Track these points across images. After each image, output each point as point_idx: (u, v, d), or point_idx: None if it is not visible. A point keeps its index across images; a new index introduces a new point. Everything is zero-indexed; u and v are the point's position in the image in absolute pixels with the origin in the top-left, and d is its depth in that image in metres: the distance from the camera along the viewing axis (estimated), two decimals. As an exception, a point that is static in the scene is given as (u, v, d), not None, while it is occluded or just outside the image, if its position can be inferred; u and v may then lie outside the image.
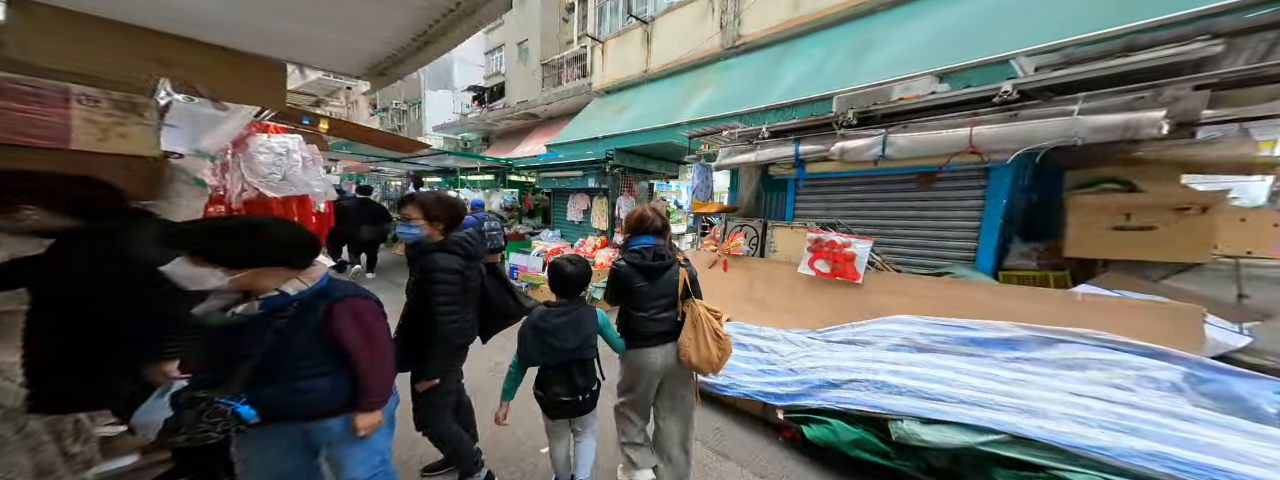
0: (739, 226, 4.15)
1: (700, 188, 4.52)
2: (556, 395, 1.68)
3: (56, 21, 1.72)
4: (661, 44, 7.65)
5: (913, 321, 2.64)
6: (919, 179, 3.22)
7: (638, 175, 5.98)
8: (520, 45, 11.62)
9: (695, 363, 1.80)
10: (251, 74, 2.29)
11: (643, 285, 1.83)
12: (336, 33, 1.90)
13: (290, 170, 2.75)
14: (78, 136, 1.80)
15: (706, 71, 6.63)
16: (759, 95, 4.66)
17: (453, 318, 1.69)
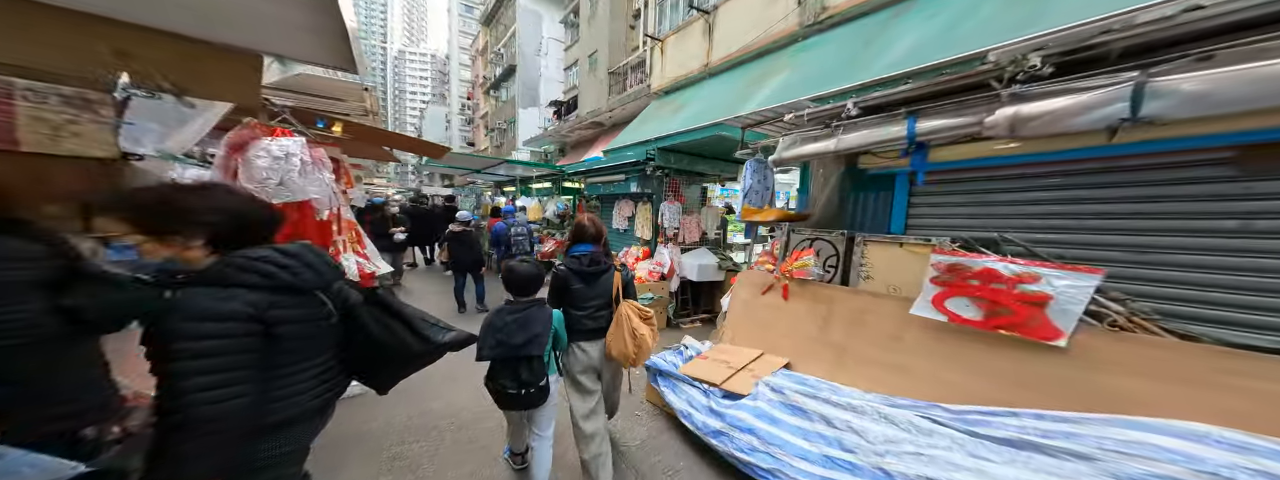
0: (809, 240, 3.03)
1: (755, 189, 3.47)
2: (503, 387, 1.74)
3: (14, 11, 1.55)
4: (725, 32, 6.72)
5: (1224, 440, 1.31)
6: (1243, 156, 1.65)
7: (687, 178, 5.09)
8: (591, 56, 11.59)
9: (614, 356, 2.00)
10: (222, 67, 2.06)
11: (579, 287, 2.01)
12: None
13: (288, 175, 2.54)
14: (25, 135, 1.58)
15: (778, 56, 5.51)
16: (852, 71, 3.45)
17: (214, 394, 1.00)
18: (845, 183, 3.15)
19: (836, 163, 3.12)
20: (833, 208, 3.20)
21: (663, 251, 4.71)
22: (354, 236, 4.80)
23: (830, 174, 3.20)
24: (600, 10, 11.09)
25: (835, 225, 3.09)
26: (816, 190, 3.32)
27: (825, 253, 2.92)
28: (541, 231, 6.97)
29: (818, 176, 3.34)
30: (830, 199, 3.21)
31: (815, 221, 3.23)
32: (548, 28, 13.77)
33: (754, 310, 3.16)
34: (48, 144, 1.67)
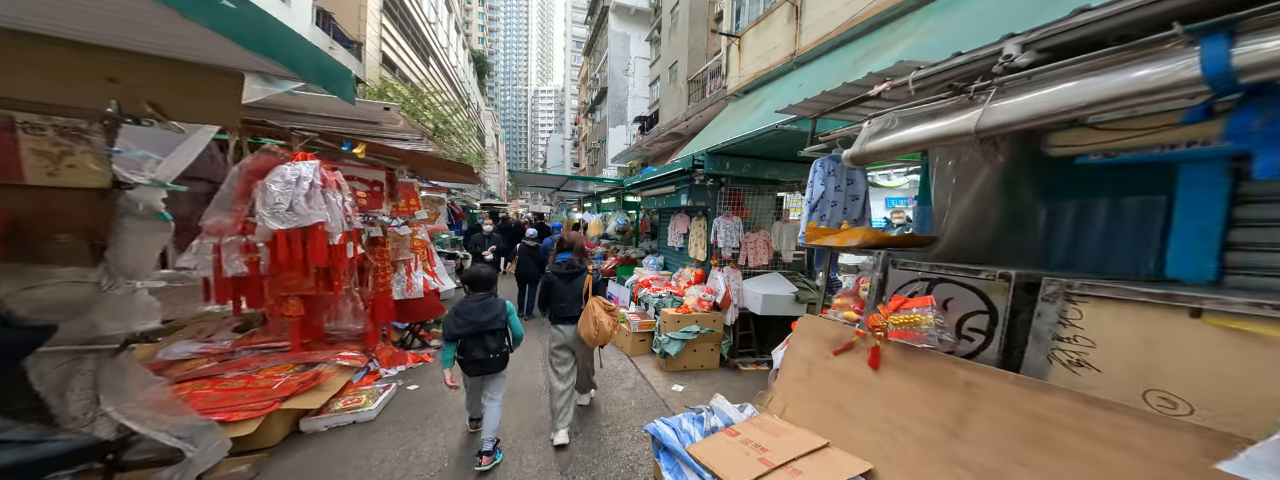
0: (927, 281, 1.84)
1: (829, 198, 2.38)
2: (474, 356, 2.32)
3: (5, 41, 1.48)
4: (817, 13, 5.58)
5: None
6: None
7: (753, 187, 4.05)
8: (671, 68, 11.14)
9: (582, 337, 2.68)
10: (203, 85, 1.84)
11: (560, 285, 2.79)
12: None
13: (296, 199, 2.53)
14: (29, 171, 1.63)
15: (898, 25, 4.27)
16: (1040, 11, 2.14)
17: None
18: (1013, 184, 1.84)
19: (986, 151, 1.84)
20: (982, 228, 1.91)
21: (717, 276, 3.78)
22: (425, 255, 5.08)
23: (973, 172, 1.91)
24: (681, 19, 10.61)
25: (986, 257, 1.83)
26: (945, 198, 2.06)
27: (962, 304, 1.71)
28: (607, 247, 6.58)
29: (945, 176, 2.06)
30: (975, 213, 1.92)
31: (944, 251, 1.98)
32: (635, 47, 13.87)
33: (821, 377, 2.08)
34: (47, 177, 1.74)
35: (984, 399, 1.49)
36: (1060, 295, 1.39)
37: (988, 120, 1.41)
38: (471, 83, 30.83)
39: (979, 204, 1.92)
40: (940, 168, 2.11)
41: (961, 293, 1.69)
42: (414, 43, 16.31)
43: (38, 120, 1.68)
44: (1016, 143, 1.78)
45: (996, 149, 1.78)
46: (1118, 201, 1.64)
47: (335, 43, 11.16)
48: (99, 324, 1.84)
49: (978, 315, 1.64)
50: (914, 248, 2.14)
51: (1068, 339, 1.38)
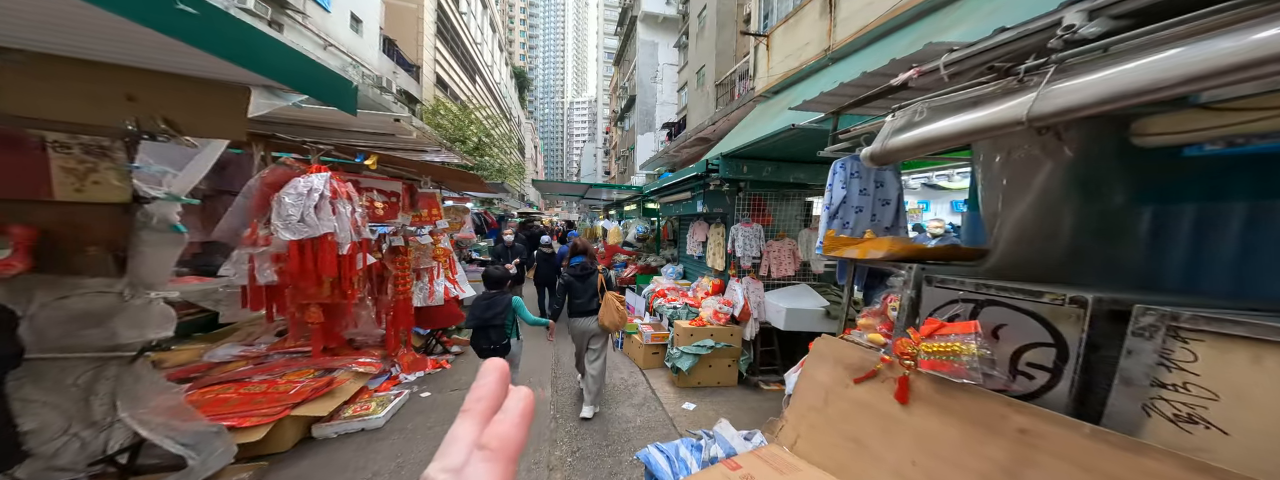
0: (974, 303, 1.50)
1: (852, 203, 2.09)
2: (480, 345, 2.89)
3: (31, 65, 1.55)
4: (855, 3, 5.21)
5: None
6: None
7: (776, 191, 3.74)
8: (698, 72, 10.95)
9: (606, 325, 3.13)
10: (213, 101, 1.87)
11: (577, 285, 3.22)
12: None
13: (306, 210, 2.61)
14: (58, 187, 1.73)
15: (952, 10, 3.88)
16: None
17: None
18: (1091, 184, 1.47)
19: (1047, 144, 1.47)
20: (1047, 239, 1.54)
21: (735, 287, 3.51)
22: (448, 263, 5.21)
23: (1031, 170, 1.55)
24: (708, 23, 10.43)
25: (1055, 276, 1.46)
26: (995, 203, 1.69)
27: (1019, 333, 1.37)
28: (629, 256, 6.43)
29: (992, 175, 1.70)
30: (1037, 220, 1.56)
31: (997, 266, 1.63)
32: (663, 54, 13.85)
33: (839, 406, 1.80)
34: (75, 193, 1.86)
35: (1046, 452, 1.17)
36: (1161, 329, 1.05)
37: (1044, 106, 1.11)
38: (513, 97, 32.32)
39: (1042, 209, 1.53)
40: (987, 166, 1.76)
41: (1018, 319, 1.36)
42: (463, 62, 17.35)
43: (66, 139, 1.78)
44: (1090, 132, 1.42)
45: (1060, 141, 1.42)
46: (1259, 205, 1.25)
47: (398, 68, 12.08)
48: (119, 332, 1.94)
49: (1040, 348, 1.30)
50: (959, 262, 1.80)
51: (1174, 386, 1.03)
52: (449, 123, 11.59)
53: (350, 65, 9.74)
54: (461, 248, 6.36)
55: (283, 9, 8.26)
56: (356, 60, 10.18)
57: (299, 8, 8.54)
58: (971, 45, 1.46)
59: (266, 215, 2.62)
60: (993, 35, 1.41)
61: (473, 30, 19.05)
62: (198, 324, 3.73)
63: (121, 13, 1.06)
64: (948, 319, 1.55)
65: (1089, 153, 1.41)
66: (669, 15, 16.15)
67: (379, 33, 11.17)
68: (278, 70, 1.60)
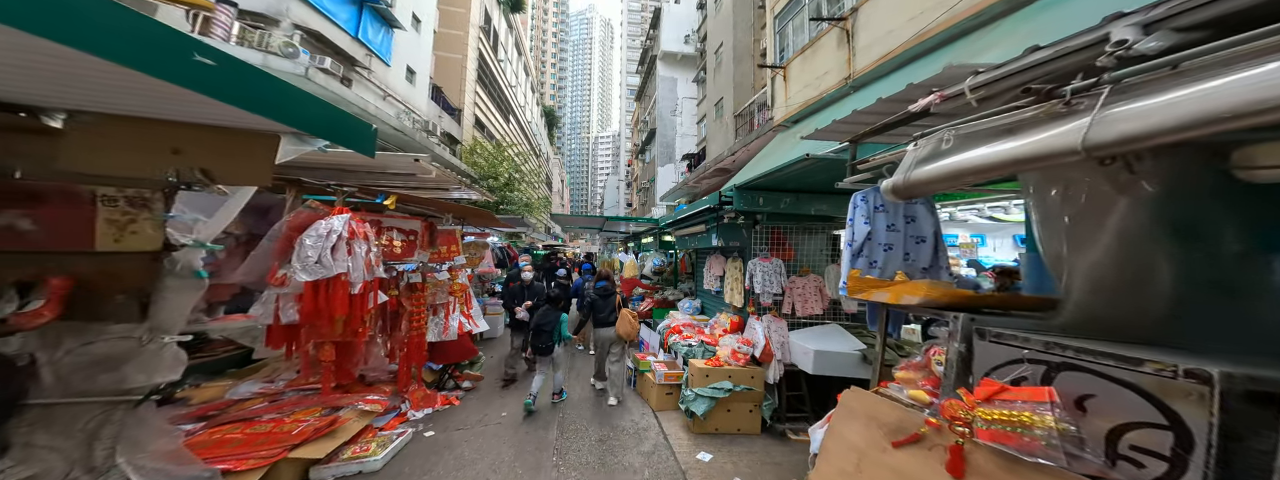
0: (1046, 364, 1.20)
1: (879, 239, 1.88)
2: (537, 344, 3.97)
3: (98, 126, 1.65)
4: (875, 32, 5.19)
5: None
6: None
7: (798, 224, 3.53)
8: (717, 104, 11.14)
9: (621, 334, 4.02)
10: (246, 149, 1.94)
11: (599, 302, 4.25)
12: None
13: (324, 251, 2.66)
14: (100, 238, 1.79)
15: (983, 34, 3.76)
16: None
17: None
18: (1190, 226, 1.15)
19: (1114, 177, 1.17)
20: (1135, 290, 1.20)
21: (754, 325, 3.24)
22: (464, 298, 5.22)
23: (1099, 207, 1.23)
24: (725, 59, 10.73)
25: (1154, 335, 1.14)
26: (1056, 244, 1.37)
27: (1117, 408, 1.04)
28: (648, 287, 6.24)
29: (1049, 212, 1.39)
30: (1118, 267, 1.22)
31: (1073, 321, 1.31)
32: (682, 88, 14.29)
33: (875, 474, 1.52)
34: (113, 243, 1.93)
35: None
36: None
37: (1104, 133, 0.91)
38: (542, 135, 34.18)
39: (1126, 256, 1.20)
40: (1040, 201, 1.45)
41: (1111, 390, 1.08)
42: (498, 104, 18.65)
43: (114, 193, 1.86)
44: (1175, 164, 1.14)
45: (1133, 174, 1.17)
46: None
47: (443, 112, 13.09)
48: (129, 376, 1.93)
49: (1148, 430, 1.01)
50: (1019, 312, 1.52)
51: None
52: (484, 160, 12.26)
53: (403, 113, 10.59)
54: (483, 281, 6.39)
55: (352, 67, 9.22)
56: (409, 107, 11.08)
57: (365, 64, 9.51)
58: (1000, 66, 1.31)
59: (289, 257, 2.69)
60: (1025, 54, 1.26)
61: (508, 75, 20.61)
62: (233, 360, 3.83)
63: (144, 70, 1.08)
64: (1010, 382, 1.28)
65: (1179, 188, 1.13)
66: (687, 53, 16.87)
67: (429, 81, 12.23)
68: (301, 119, 1.64)
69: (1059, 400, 1.11)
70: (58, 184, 1.58)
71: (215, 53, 1.14)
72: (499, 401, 4.18)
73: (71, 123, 1.45)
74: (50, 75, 1.21)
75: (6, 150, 1.42)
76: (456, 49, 14.12)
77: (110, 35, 0.87)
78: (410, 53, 11.32)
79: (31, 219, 1.58)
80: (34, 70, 1.16)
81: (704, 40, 13.32)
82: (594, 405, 4.06)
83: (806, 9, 6.79)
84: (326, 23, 8.33)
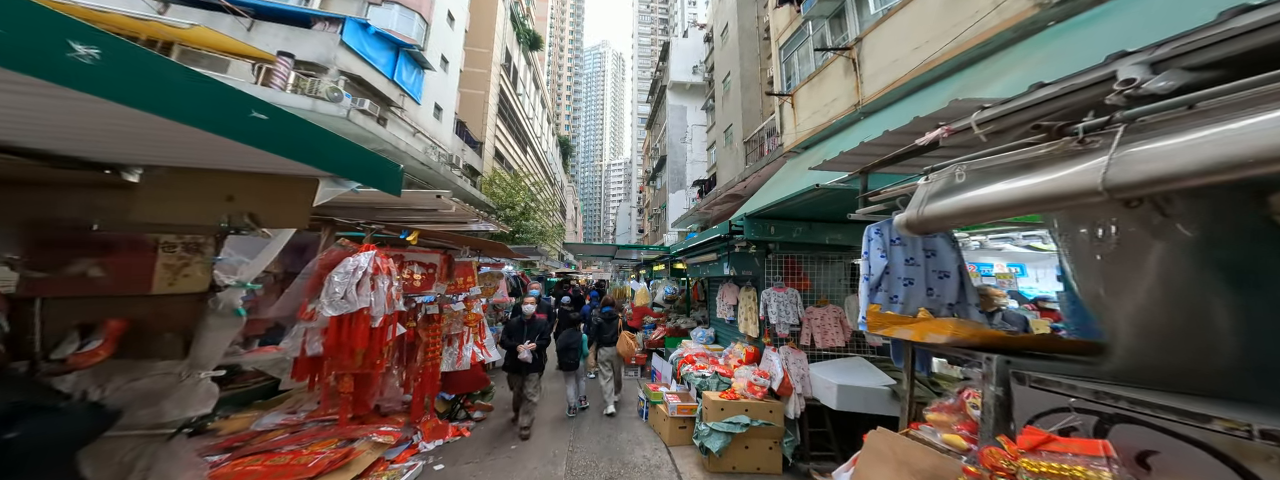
0: (1097, 415, 1.11)
1: (898, 274, 1.83)
2: (564, 360, 4.60)
3: (166, 179, 1.76)
4: (881, 61, 5.30)
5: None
6: None
7: (812, 253, 3.46)
8: (726, 131, 11.36)
9: (621, 352, 4.81)
10: (289, 194, 2.01)
11: (605, 325, 4.88)
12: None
13: (350, 287, 2.74)
14: (157, 281, 1.89)
15: (994, 61, 3.80)
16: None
17: None
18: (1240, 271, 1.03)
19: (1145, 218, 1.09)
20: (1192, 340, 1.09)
21: (771, 357, 3.12)
22: (478, 328, 5.24)
23: (1134, 249, 1.15)
24: (733, 87, 11.04)
25: (1208, 386, 1.04)
26: (1093, 285, 1.27)
27: (1187, 468, 0.93)
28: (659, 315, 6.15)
29: (1079, 252, 1.30)
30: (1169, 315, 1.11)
31: (1125, 368, 1.20)
32: (691, 116, 14.68)
33: None
34: (167, 286, 2.02)
35: None
36: None
37: (1124, 174, 0.88)
38: (558, 164, 35.31)
39: (1175, 301, 1.10)
40: (1069, 240, 1.37)
41: (1176, 447, 0.97)
42: (517, 136, 19.50)
43: (173, 239, 1.98)
44: (1210, 207, 1.06)
45: (1162, 214, 1.10)
46: None
47: (466, 145, 13.77)
48: (166, 410, 1.98)
49: None
50: (1061, 355, 1.43)
51: None
52: (501, 190, 12.70)
53: (430, 147, 11.17)
54: (498, 310, 6.42)
55: (387, 107, 9.89)
56: (436, 142, 11.71)
57: (399, 104, 10.19)
58: (1006, 102, 1.30)
59: (319, 293, 2.78)
60: (1030, 91, 1.25)
61: (526, 107, 21.67)
62: (261, 391, 3.88)
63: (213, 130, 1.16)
64: (1057, 431, 1.18)
65: (1222, 233, 1.05)
66: (695, 82, 17.49)
67: (454, 117, 12.96)
68: (338, 163, 1.75)
69: (1117, 455, 1.01)
70: (127, 234, 1.69)
71: (268, 108, 1.24)
72: (508, 434, 4.10)
73: (145, 177, 1.57)
74: (136, 137, 1.32)
75: (88, 205, 1.55)
76: (479, 86, 15.02)
77: (192, 101, 0.96)
78: (438, 91, 12.08)
79: (102, 267, 1.65)
80: (125, 134, 1.28)
81: (711, 70, 13.81)
82: (606, 440, 3.94)
83: (811, 40, 7.01)
84: (367, 68, 9.02)
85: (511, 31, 19.19)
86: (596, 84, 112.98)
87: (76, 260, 1.57)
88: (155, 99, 0.90)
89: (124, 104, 0.85)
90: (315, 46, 8.08)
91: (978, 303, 1.81)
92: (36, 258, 1.55)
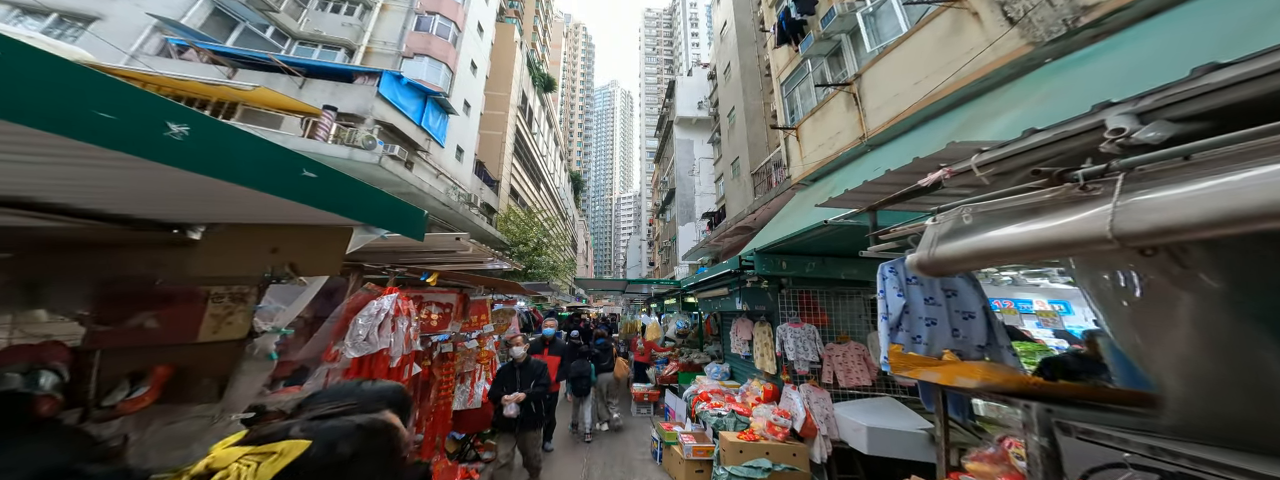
0: (1160, 473, 1.02)
1: (919, 313, 1.79)
2: (578, 387, 4.99)
3: (223, 235, 1.85)
4: (882, 94, 5.47)
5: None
6: None
7: (827, 288, 3.41)
8: (733, 163, 11.62)
9: (617, 377, 5.97)
10: (326, 243, 2.06)
11: (602, 355, 5.60)
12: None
13: (372, 329, 2.80)
14: (203, 331, 1.94)
15: (1000, 93, 3.90)
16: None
17: None
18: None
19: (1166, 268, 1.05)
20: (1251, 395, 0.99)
21: (791, 395, 2.99)
22: (490, 365, 5.20)
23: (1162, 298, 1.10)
24: (738, 121, 11.44)
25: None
26: (1129, 335, 1.21)
27: None
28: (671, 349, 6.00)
29: (1106, 300, 1.24)
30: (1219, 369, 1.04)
31: (1183, 423, 1.09)
32: (698, 149, 15.11)
33: None
34: (211, 334, 2.10)
35: None
36: None
37: (1132, 224, 0.87)
38: (569, 199, 36.24)
39: (1222, 354, 1.02)
40: (1092, 284, 1.29)
41: None
42: (531, 173, 20.29)
43: (222, 290, 2.07)
44: (1232, 258, 1.00)
45: (1180, 265, 1.03)
46: None
47: (484, 184, 14.39)
48: (194, 452, 1.99)
49: None
50: (1107, 406, 1.35)
51: None
52: (515, 226, 13.05)
53: (451, 188, 11.70)
54: (509, 345, 6.41)
55: (414, 151, 10.52)
56: (456, 183, 12.27)
57: (424, 147, 10.84)
58: (1004, 146, 1.34)
59: (344, 335, 2.84)
60: (1025, 136, 1.29)
61: (540, 146, 22.70)
62: None
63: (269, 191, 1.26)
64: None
65: (1254, 284, 1.00)
66: (701, 117, 18.20)
67: (474, 158, 13.65)
68: (371, 213, 1.86)
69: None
70: (184, 286, 1.79)
71: (316, 166, 1.34)
72: (519, 475, 3.93)
73: (205, 234, 1.72)
74: (205, 200, 1.45)
75: (154, 261, 1.68)
76: (497, 127, 15.90)
77: (256, 166, 1.05)
78: (460, 134, 12.83)
79: (158, 318, 1.74)
80: (195, 197, 1.41)
81: (716, 105, 14.42)
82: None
83: (811, 77, 7.32)
84: (398, 115, 9.71)
85: (528, 76, 20.58)
86: (606, 120, 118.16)
87: (138, 313, 1.67)
88: (228, 167, 0.98)
89: (203, 174, 0.93)
90: (355, 99, 8.80)
91: (1010, 345, 1.75)
92: (103, 312, 1.65)
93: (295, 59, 9.09)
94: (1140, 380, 1.41)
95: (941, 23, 4.74)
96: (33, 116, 0.67)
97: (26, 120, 0.67)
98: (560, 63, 66.90)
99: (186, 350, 1.81)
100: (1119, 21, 3.14)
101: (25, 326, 1.54)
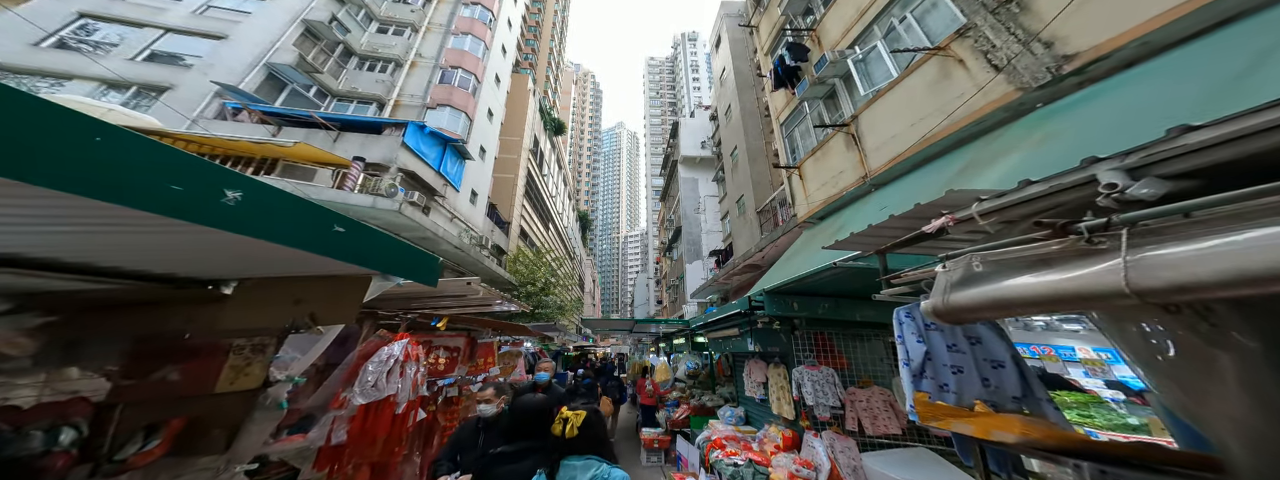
0: None
1: (943, 360, 1.74)
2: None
3: (252, 289, 1.88)
4: (880, 135, 5.66)
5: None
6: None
7: (844, 330, 3.32)
8: (738, 202, 11.83)
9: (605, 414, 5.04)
10: (345, 293, 2.06)
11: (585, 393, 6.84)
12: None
13: (381, 375, 2.77)
14: (221, 382, 1.93)
15: (999, 135, 4.00)
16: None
17: None
18: None
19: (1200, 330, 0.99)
20: None
21: (813, 444, 2.80)
22: (496, 407, 5.03)
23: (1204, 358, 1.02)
24: (741, 160, 11.80)
25: None
26: (1174, 392, 1.13)
27: None
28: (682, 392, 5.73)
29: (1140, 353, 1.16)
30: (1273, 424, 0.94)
31: None
32: (703, 188, 15.48)
33: None
34: (228, 385, 2.07)
35: None
36: None
37: (1146, 279, 0.83)
38: (577, 238, 36.68)
39: (1273, 413, 0.95)
40: (1122, 338, 1.23)
41: None
42: (540, 214, 20.80)
43: (243, 342, 2.02)
44: (1263, 315, 0.95)
45: (1207, 323, 0.98)
46: None
47: (495, 226, 14.76)
48: None
49: None
50: (1167, 468, 1.24)
51: None
52: (524, 267, 13.16)
53: (464, 231, 12.00)
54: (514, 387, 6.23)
55: (432, 197, 10.97)
56: (469, 226, 12.62)
57: (442, 193, 11.30)
58: (1001, 195, 1.38)
59: (353, 382, 2.80)
60: (1021, 187, 1.33)
61: (549, 187, 23.47)
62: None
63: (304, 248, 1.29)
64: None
65: None
66: (705, 156, 18.86)
67: (487, 201, 14.12)
68: (389, 262, 1.90)
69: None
70: (211, 340, 1.82)
71: (345, 221, 1.40)
72: None
73: (237, 289, 1.77)
74: (243, 257, 1.51)
75: (187, 317, 1.70)
76: (509, 170, 16.60)
77: (294, 225, 1.09)
78: (475, 178, 13.40)
79: (180, 371, 1.75)
80: (236, 256, 1.47)
81: (719, 145, 15.00)
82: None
83: (809, 118, 7.66)
84: (419, 163, 10.25)
85: (540, 120, 21.80)
86: (613, 161, 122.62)
87: (164, 367, 1.69)
88: (270, 228, 1.02)
89: (250, 236, 0.96)
90: (382, 149, 9.38)
91: (1048, 397, 1.66)
92: (130, 367, 1.67)
93: (332, 115, 9.84)
94: (1200, 439, 1.29)
95: (929, 69, 5.03)
96: (131, 194, 0.73)
97: (126, 200, 0.73)
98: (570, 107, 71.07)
99: (203, 401, 1.81)
100: (1102, 69, 3.31)
101: (55, 383, 1.56)
